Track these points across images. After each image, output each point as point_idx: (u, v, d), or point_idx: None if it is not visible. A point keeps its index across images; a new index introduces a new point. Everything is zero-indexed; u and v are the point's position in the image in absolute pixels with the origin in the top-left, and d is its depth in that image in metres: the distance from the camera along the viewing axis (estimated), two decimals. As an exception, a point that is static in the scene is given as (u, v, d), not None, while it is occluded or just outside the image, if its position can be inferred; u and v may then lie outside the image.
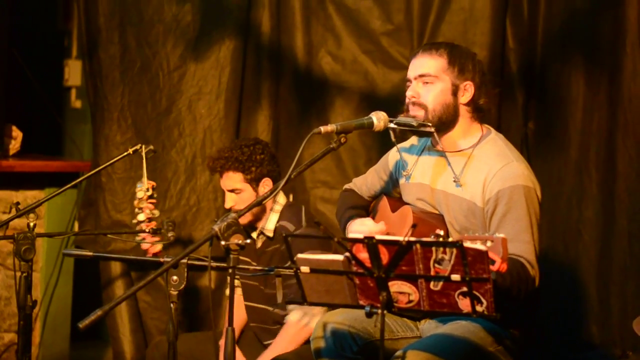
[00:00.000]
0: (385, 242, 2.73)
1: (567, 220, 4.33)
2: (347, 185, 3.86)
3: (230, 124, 4.80)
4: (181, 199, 4.79)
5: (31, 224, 3.84)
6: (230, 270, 2.95)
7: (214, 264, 3.04)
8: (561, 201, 4.34)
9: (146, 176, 4.14)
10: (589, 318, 4.24)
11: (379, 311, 2.80)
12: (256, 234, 4.11)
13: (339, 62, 4.77)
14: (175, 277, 2.97)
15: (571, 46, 4.35)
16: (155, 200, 4.18)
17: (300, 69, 4.80)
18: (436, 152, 3.47)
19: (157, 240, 4.16)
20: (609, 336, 4.16)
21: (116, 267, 4.80)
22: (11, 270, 4.01)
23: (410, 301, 2.79)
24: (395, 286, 2.78)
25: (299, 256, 2.85)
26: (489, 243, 2.75)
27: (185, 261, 2.97)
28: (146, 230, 4.14)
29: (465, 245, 2.64)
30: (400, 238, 2.70)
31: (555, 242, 4.36)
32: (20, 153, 5.22)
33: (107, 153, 4.75)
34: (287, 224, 4.02)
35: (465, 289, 2.69)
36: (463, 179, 3.35)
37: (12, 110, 5.23)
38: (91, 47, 4.83)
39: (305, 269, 2.85)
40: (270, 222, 4.08)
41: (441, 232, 2.67)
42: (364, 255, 2.76)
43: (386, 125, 3.28)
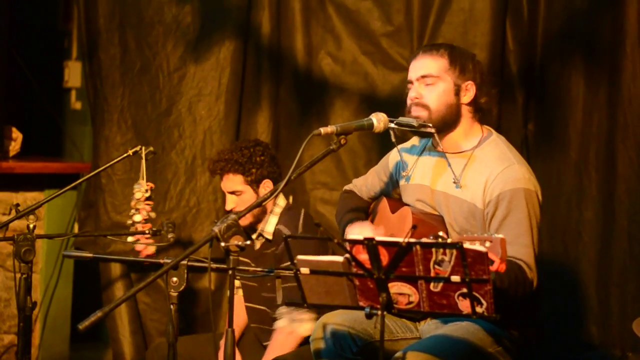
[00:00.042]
0: (385, 244, 2.73)
1: (567, 221, 4.32)
2: (347, 186, 3.86)
3: (230, 126, 4.80)
4: (181, 200, 4.79)
5: (31, 226, 3.83)
6: (230, 271, 2.95)
7: (214, 266, 3.04)
8: (561, 202, 4.34)
9: (145, 177, 4.13)
10: (589, 319, 4.23)
11: (379, 312, 2.80)
12: (255, 236, 4.11)
13: (339, 64, 4.77)
14: (175, 279, 2.97)
15: (571, 47, 4.35)
16: (152, 202, 4.17)
17: (300, 70, 4.80)
18: (436, 153, 3.47)
19: (151, 242, 4.16)
20: (609, 337, 4.16)
21: (116, 269, 4.79)
22: (11, 271, 4.02)
23: (410, 302, 2.79)
24: (395, 287, 2.78)
25: (299, 257, 2.85)
26: (488, 243, 2.75)
27: (185, 262, 2.97)
28: (146, 231, 4.14)
29: (465, 246, 2.64)
30: (400, 239, 2.70)
31: (555, 243, 4.36)
32: (20, 154, 5.22)
33: (107, 154, 4.75)
34: (284, 229, 4.02)
35: (465, 290, 2.69)
36: (463, 180, 3.35)
37: (12, 111, 5.23)
38: (91, 49, 4.83)
39: (305, 271, 2.85)
40: (269, 225, 4.07)
41: (441, 233, 2.67)
42: (364, 256, 2.75)
43: (386, 126, 3.27)
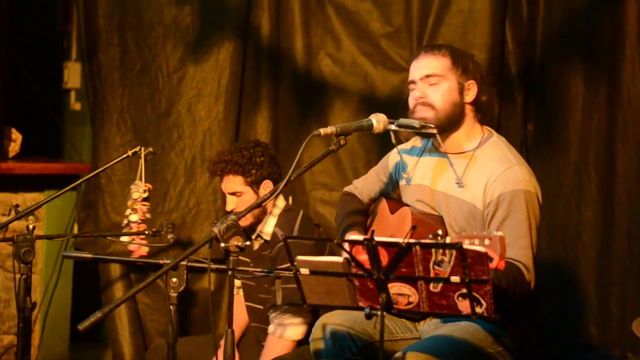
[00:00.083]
0: (384, 244, 2.73)
1: (567, 221, 4.32)
2: (347, 188, 3.86)
3: (229, 126, 4.80)
4: (180, 201, 4.79)
5: (30, 226, 3.83)
6: (229, 272, 2.95)
7: (214, 266, 3.04)
8: (560, 203, 4.34)
9: (143, 178, 4.13)
10: (588, 319, 4.23)
11: (379, 313, 2.80)
12: (254, 236, 4.11)
13: (339, 64, 4.77)
14: (174, 279, 2.97)
15: (570, 48, 4.35)
16: (149, 203, 4.17)
17: (299, 71, 4.80)
18: (437, 154, 3.47)
19: (145, 243, 4.16)
20: (608, 337, 4.16)
21: (115, 269, 4.79)
22: (11, 272, 4.01)
23: (409, 303, 2.79)
24: (394, 288, 2.78)
25: (299, 258, 2.85)
26: (487, 241, 2.75)
27: (184, 263, 2.97)
28: (145, 232, 4.13)
29: (464, 247, 2.64)
30: (399, 240, 2.70)
31: (554, 244, 4.36)
32: (19, 155, 5.22)
33: (107, 155, 4.74)
34: (279, 231, 4.02)
35: (464, 291, 2.69)
36: (465, 181, 3.36)
37: (12, 112, 5.22)
38: (91, 49, 4.83)
39: (304, 271, 2.85)
40: (268, 226, 4.07)
41: (439, 232, 2.67)
42: (364, 257, 2.76)
43: (386, 127, 3.27)
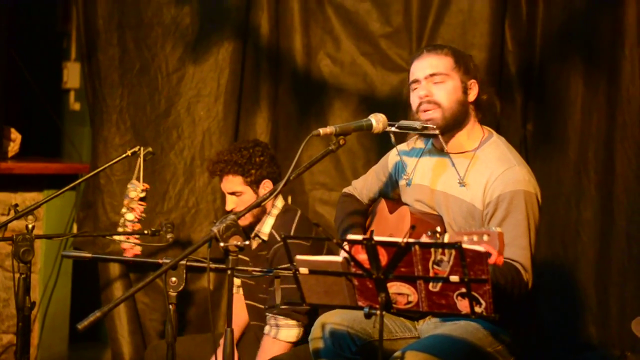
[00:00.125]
0: (384, 244, 2.73)
1: (566, 221, 4.32)
2: (347, 189, 3.85)
3: (229, 126, 4.80)
4: (180, 201, 4.79)
5: (30, 226, 3.84)
6: (229, 271, 2.95)
7: (213, 266, 3.04)
8: (560, 202, 4.34)
9: (141, 177, 4.13)
10: (588, 319, 4.23)
11: (378, 312, 2.80)
12: (252, 236, 4.11)
13: (338, 64, 4.77)
14: (174, 279, 2.97)
15: (570, 48, 4.35)
16: (145, 203, 4.17)
17: (299, 71, 4.80)
18: (437, 154, 3.47)
19: (138, 242, 4.15)
20: (608, 337, 4.16)
21: (115, 269, 4.79)
22: (10, 271, 4.02)
23: (409, 302, 2.79)
24: (394, 287, 2.78)
25: (298, 257, 2.85)
26: (486, 237, 2.75)
27: (184, 263, 2.97)
28: (144, 232, 4.14)
29: (464, 246, 2.64)
30: (399, 239, 2.70)
31: (553, 243, 4.36)
32: (19, 155, 5.22)
33: (106, 155, 4.74)
34: (275, 233, 4.02)
35: (464, 290, 2.69)
36: (466, 180, 3.36)
37: (11, 112, 5.22)
38: (90, 50, 4.82)
39: (304, 270, 2.85)
40: (266, 226, 4.08)
41: (438, 229, 2.67)
42: (363, 256, 2.76)
43: (385, 127, 3.27)
